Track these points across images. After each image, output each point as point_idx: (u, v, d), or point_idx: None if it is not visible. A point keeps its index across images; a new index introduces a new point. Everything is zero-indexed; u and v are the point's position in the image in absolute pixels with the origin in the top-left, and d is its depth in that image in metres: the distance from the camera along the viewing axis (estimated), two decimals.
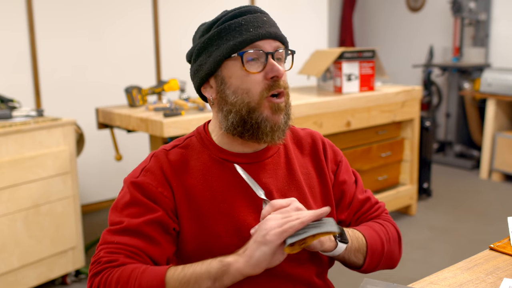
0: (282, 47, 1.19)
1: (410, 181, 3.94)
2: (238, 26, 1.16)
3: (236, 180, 1.20)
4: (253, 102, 1.15)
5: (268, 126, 1.16)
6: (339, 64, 3.48)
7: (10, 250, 2.61)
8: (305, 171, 1.29)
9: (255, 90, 1.15)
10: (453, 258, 3.20)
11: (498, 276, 1.22)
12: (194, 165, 1.20)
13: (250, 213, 1.19)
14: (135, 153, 4.12)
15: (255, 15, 1.19)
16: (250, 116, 1.16)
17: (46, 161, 2.71)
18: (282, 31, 1.23)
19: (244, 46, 1.15)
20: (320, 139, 1.35)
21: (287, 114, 1.21)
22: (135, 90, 3.07)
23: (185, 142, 1.25)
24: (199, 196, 1.18)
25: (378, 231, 1.30)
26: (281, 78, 1.16)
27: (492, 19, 5.46)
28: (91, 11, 3.92)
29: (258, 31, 1.16)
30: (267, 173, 1.23)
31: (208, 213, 1.17)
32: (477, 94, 5.05)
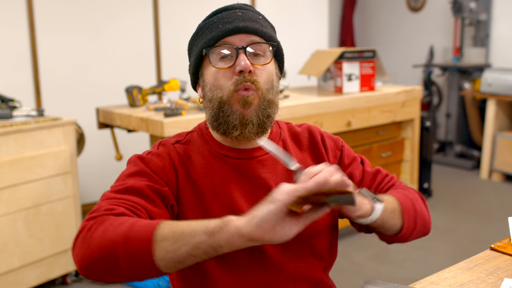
0: (258, 41, 1.18)
1: (410, 181, 3.94)
2: (211, 24, 1.20)
3: (236, 175, 1.21)
4: (224, 97, 1.16)
5: (237, 119, 1.16)
6: (339, 64, 3.48)
7: (10, 249, 2.61)
8: (305, 166, 1.26)
9: (225, 85, 1.16)
10: (453, 258, 3.20)
11: (499, 276, 1.22)
12: (196, 159, 1.22)
13: (250, 207, 1.14)
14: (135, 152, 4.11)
15: (230, 12, 1.20)
16: (221, 110, 1.17)
17: (46, 161, 2.71)
18: (281, 31, 1.23)
19: (213, 43, 1.17)
20: (317, 132, 1.35)
21: (263, 111, 1.18)
22: (135, 90, 3.07)
23: (186, 138, 1.26)
24: (203, 187, 1.19)
25: (403, 193, 1.29)
26: (246, 71, 1.15)
27: (493, 19, 5.46)
28: (92, 11, 3.93)
29: (225, 27, 1.17)
30: (265, 168, 1.24)
31: (210, 205, 1.18)
32: (478, 94, 5.05)
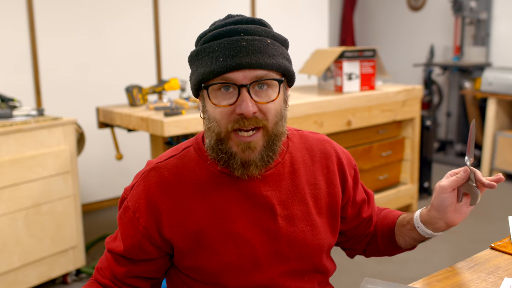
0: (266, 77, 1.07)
1: (410, 180, 3.94)
2: (211, 52, 1.07)
3: (236, 194, 1.15)
4: (221, 134, 1.09)
5: (237, 162, 1.10)
6: (339, 63, 3.48)
7: (10, 249, 2.61)
8: (313, 181, 1.23)
9: (223, 122, 1.08)
10: (454, 258, 3.20)
11: (499, 276, 1.21)
12: (190, 179, 1.15)
13: (251, 227, 1.15)
14: (135, 152, 4.12)
15: (232, 39, 1.06)
16: (219, 147, 1.11)
17: (46, 160, 2.71)
18: (281, 30, 1.17)
19: (213, 77, 1.07)
20: (331, 148, 1.29)
21: (269, 149, 1.12)
22: (135, 89, 3.07)
23: (182, 153, 1.19)
24: (196, 212, 1.13)
25: None
26: (248, 116, 1.06)
27: (493, 18, 5.45)
28: (92, 10, 3.92)
29: (227, 62, 1.05)
30: (268, 185, 1.16)
31: (206, 231, 1.13)
32: (478, 93, 5.05)
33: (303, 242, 1.18)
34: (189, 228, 1.13)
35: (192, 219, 1.13)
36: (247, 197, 1.15)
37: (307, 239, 1.19)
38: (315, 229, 1.21)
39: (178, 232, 1.13)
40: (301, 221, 1.19)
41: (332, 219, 1.26)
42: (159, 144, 2.94)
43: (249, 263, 1.14)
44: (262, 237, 1.15)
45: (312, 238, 1.19)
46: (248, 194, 1.15)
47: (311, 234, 1.20)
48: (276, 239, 1.16)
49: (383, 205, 3.70)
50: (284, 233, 1.16)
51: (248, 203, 1.15)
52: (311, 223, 1.20)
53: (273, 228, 1.16)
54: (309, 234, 1.19)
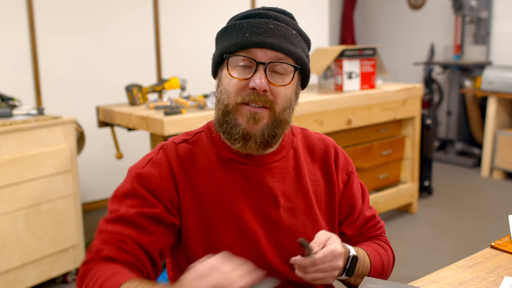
0: (283, 60, 1.13)
1: (411, 179, 3.94)
2: (240, 28, 1.14)
3: (242, 181, 1.18)
4: (229, 105, 1.14)
5: (239, 133, 1.14)
6: (340, 62, 3.47)
7: (11, 248, 2.61)
8: (314, 178, 1.26)
9: (234, 94, 1.13)
10: (454, 256, 3.20)
11: (499, 275, 1.21)
12: (202, 162, 1.19)
13: (254, 216, 1.18)
14: (135, 151, 4.11)
15: (262, 21, 1.13)
16: (225, 118, 1.15)
17: (46, 159, 2.71)
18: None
19: (235, 50, 1.13)
20: (332, 146, 1.31)
21: (272, 131, 1.15)
22: (135, 88, 3.07)
23: (194, 138, 1.23)
24: (205, 194, 1.16)
25: (383, 259, 1.29)
26: (260, 91, 1.11)
27: (493, 16, 5.45)
28: (92, 9, 3.92)
29: (252, 38, 1.11)
30: (274, 176, 1.20)
31: (213, 212, 1.16)
32: (478, 92, 5.04)
33: (303, 235, 1.20)
34: (199, 206, 1.16)
35: (201, 198, 1.16)
36: (252, 185, 1.18)
37: (307, 233, 1.21)
38: (317, 224, 1.23)
39: (190, 208, 1.16)
40: (303, 214, 1.22)
41: (331, 216, 1.28)
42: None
43: (252, 248, 1.16)
44: (264, 226, 1.18)
45: (312, 232, 1.20)
46: (254, 182, 1.18)
47: (312, 228, 1.22)
48: (277, 230, 1.19)
49: (383, 204, 3.70)
50: (286, 225, 1.19)
51: (253, 191, 1.18)
52: (313, 217, 1.23)
53: (275, 218, 1.19)
54: (310, 228, 1.21)
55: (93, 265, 1.07)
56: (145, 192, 1.13)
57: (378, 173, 3.76)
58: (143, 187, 1.13)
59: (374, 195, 3.68)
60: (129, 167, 1.21)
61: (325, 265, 1.08)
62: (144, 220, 1.11)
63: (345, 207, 1.30)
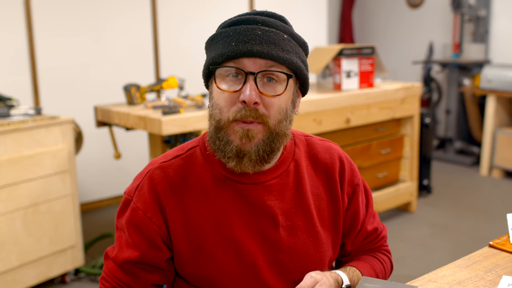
0: (274, 68, 1.05)
1: (410, 178, 3.93)
2: (226, 37, 1.06)
3: (238, 201, 1.12)
4: (222, 122, 1.06)
5: (232, 151, 1.06)
6: (338, 61, 3.47)
7: (9, 249, 2.61)
8: (316, 192, 1.20)
9: (225, 109, 1.05)
10: (452, 255, 3.20)
11: (497, 274, 1.21)
12: (195, 182, 1.13)
13: (251, 236, 1.13)
14: (134, 151, 4.12)
15: (249, 27, 1.05)
16: (217, 135, 1.08)
17: (44, 159, 2.70)
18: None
19: (222, 61, 1.05)
20: (337, 157, 1.23)
21: (268, 145, 1.07)
22: (133, 88, 3.06)
23: (188, 153, 1.16)
24: (198, 216, 1.11)
25: (378, 276, 1.28)
26: (250, 104, 1.03)
27: (492, 15, 5.45)
28: (90, 9, 3.91)
29: (239, 47, 1.03)
30: (272, 195, 1.14)
31: (207, 236, 1.11)
32: (477, 90, 5.04)
33: (304, 254, 1.16)
34: (192, 231, 1.11)
35: (194, 222, 1.11)
36: (249, 205, 1.12)
37: (308, 251, 1.17)
38: (318, 241, 1.18)
39: (181, 234, 1.11)
40: (303, 232, 1.17)
41: (335, 231, 1.23)
42: (157, 143, 2.94)
43: (249, 271, 1.12)
44: (262, 247, 1.13)
45: (314, 250, 1.18)
46: (251, 202, 1.12)
47: (313, 246, 1.18)
48: (276, 250, 1.14)
49: (382, 203, 3.70)
50: (285, 244, 1.15)
51: (251, 212, 1.12)
52: (314, 235, 1.18)
53: (274, 238, 1.14)
54: (311, 246, 1.17)
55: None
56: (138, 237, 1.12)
57: (377, 172, 3.75)
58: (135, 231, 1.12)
59: (373, 194, 3.66)
60: (124, 190, 1.18)
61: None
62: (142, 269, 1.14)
63: (347, 221, 1.25)
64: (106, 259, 1.17)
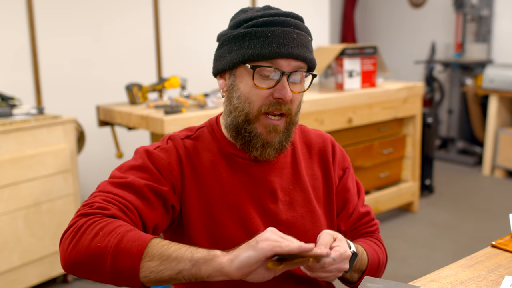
0: (302, 69, 1.18)
1: (412, 177, 3.93)
2: (264, 37, 1.14)
3: (243, 175, 1.22)
4: (251, 114, 1.17)
5: (260, 142, 1.18)
6: (340, 60, 3.46)
7: (11, 248, 2.61)
8: (311, 172, 1.30)
9: (257, 103, 1.16)
10: (455, 255, 3.19)
11: (500, 274, 1.21)
12: (205, 156, 1.22)
13: (254, 208, 1.21)
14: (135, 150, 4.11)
15: (286, 30, 1.15)
16: (245, 127, 1.18)
17: (46, 159, 2.70)
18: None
19: (261, 60, 1.14)
20: (330, 141, 1.35)
21: (287, 135, 1.21)
22: (135, 88, 3.06)
23: (196, 133, 1.26)
24: (209, 185, 1.19)
25: (379, 256, 1.31)
26: (286, 101, 1.15)
27: (495, 15, 5.44)
28: (92, 8, 3.92)
29: (280, 49, 1.13)
30: (273, 171, 1.24)
31: (217, 203, 1.19)
32: (480, 90, 5.03)
33: (302, 227, 1.24)
34: (202, 197, 1.19)
35: (205, 189, 1.19)
36: (252, 179, 1.22)
37: (306, 225, 1.25)
38: (315, 216, 1.27)
39: (193, 198, 1.18)
40: (301, 207, 1.25)
41: (329, 209, 1.31)
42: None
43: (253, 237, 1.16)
44: (263, 218, 1.21)
45: (311, 224, 1.25)
46: (254, 176, 1.22)
47: (311, 221, 1.26)
48: (275, 222, 1.22)
49: (384, 202, 3.70)
50: (284, 217, 1.23)
51: (253, 185, 1.22)
52: (311, 209, 1.26)
53: (274, 211, 1.22)
54: (309, 220, 1.25)
55: (97, 218, 1.02)
56: (154, 168, 1.15)
57: (379, 172, 3.75)
58: (152, 164, 1.16)
59: (375, 194, 3.67)
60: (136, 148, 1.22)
61: (332, 267, 1.08)
62: (150, 193, 1.12)
63: (339, 201, 1.33)
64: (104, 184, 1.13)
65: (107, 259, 0.96)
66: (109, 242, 0.97)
